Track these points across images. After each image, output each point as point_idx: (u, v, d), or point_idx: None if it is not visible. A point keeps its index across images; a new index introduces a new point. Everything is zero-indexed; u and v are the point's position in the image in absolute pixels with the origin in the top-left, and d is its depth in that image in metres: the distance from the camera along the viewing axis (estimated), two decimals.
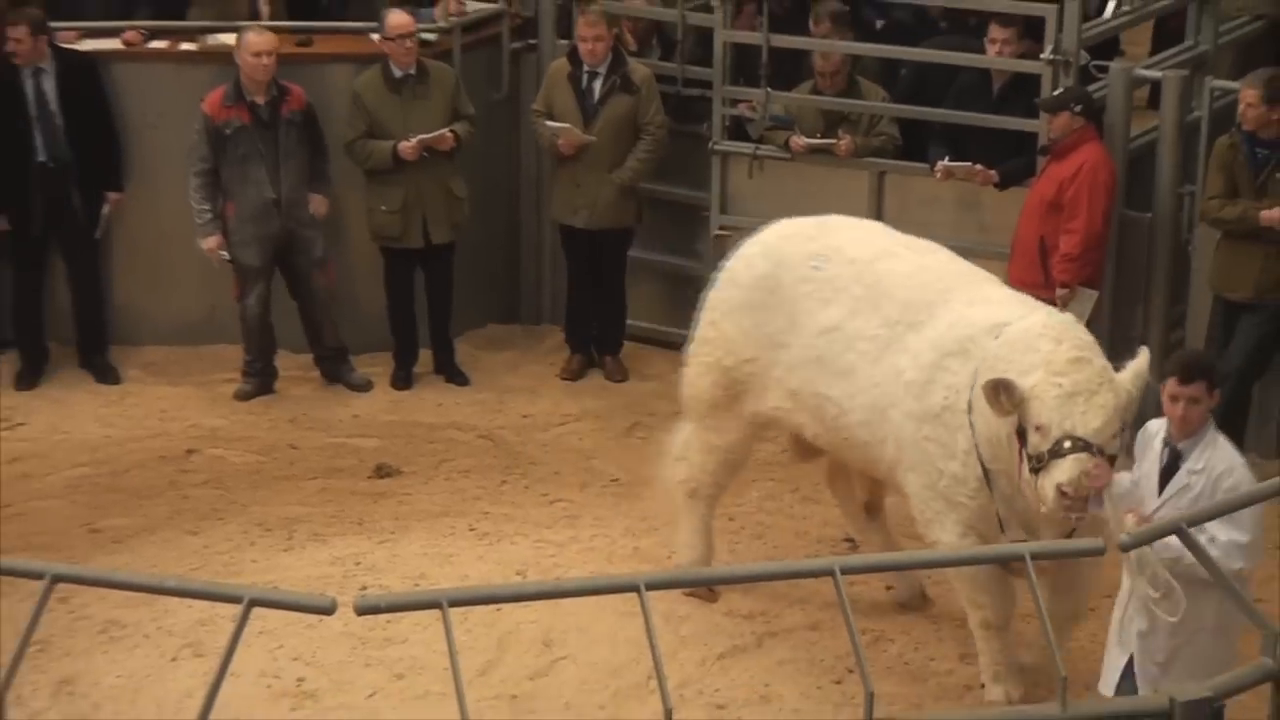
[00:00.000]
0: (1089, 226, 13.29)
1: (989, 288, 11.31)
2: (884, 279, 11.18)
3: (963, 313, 10.91)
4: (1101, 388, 10.26)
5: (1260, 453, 13.52)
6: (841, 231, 11.69)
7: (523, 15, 15.49)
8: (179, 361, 14.87)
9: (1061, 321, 10.72)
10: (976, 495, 10.58)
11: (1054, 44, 13.87)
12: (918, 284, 11.17)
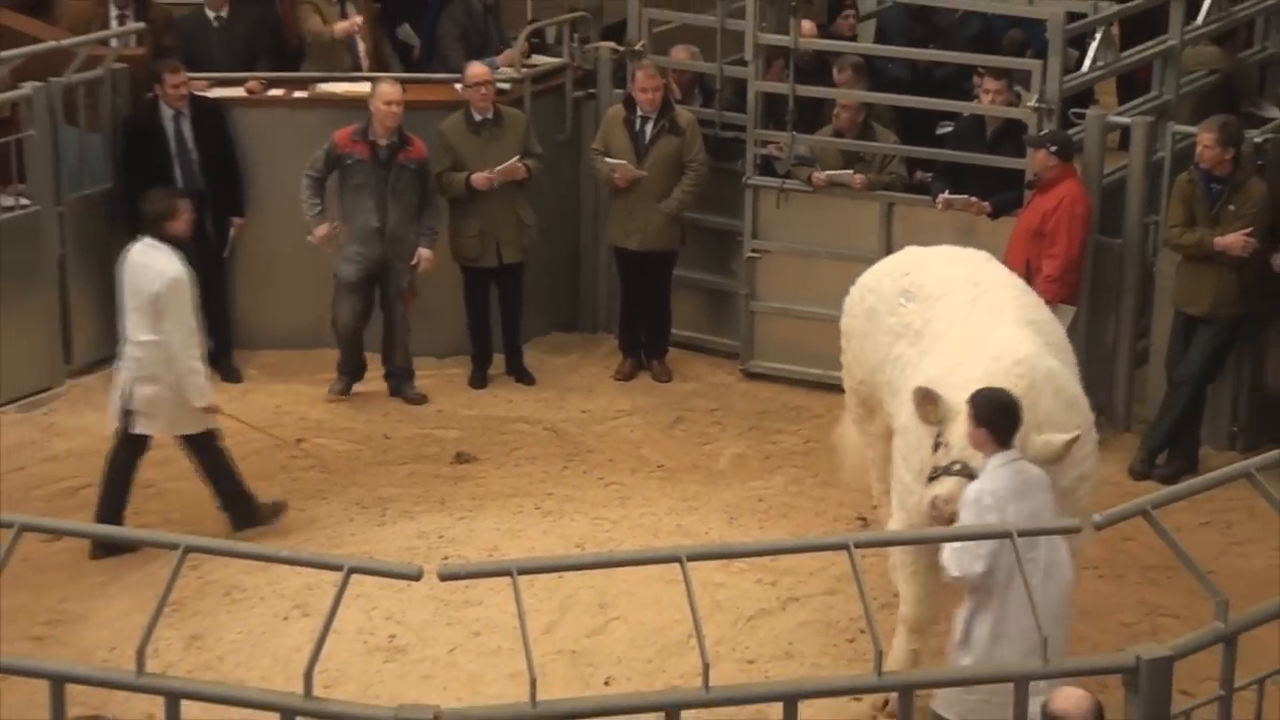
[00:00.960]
0: (1068, 252, 13.28)
1: (993, 328, 10.72)
2: (935, 317, 10.93)
3: (955, 347, 10.66)
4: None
5: (1214, 445, 13.57)
6: (932, 267, 11.38)
7: (584, 68, 15.48)
8: (290, 363, 14.91)
9: (1013, 369, 10.13)
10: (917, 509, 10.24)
11: (1039, 94, 13.88)
12: (947, 320, 10.90)
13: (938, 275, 11.24)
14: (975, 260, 11.53)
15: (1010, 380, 9.87)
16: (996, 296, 10.99)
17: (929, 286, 11.15)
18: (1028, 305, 11.06)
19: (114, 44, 15.07)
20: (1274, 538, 11.08)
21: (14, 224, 14.35)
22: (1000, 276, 11.37)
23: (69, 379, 14.78)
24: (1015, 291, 11.19)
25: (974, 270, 11.33)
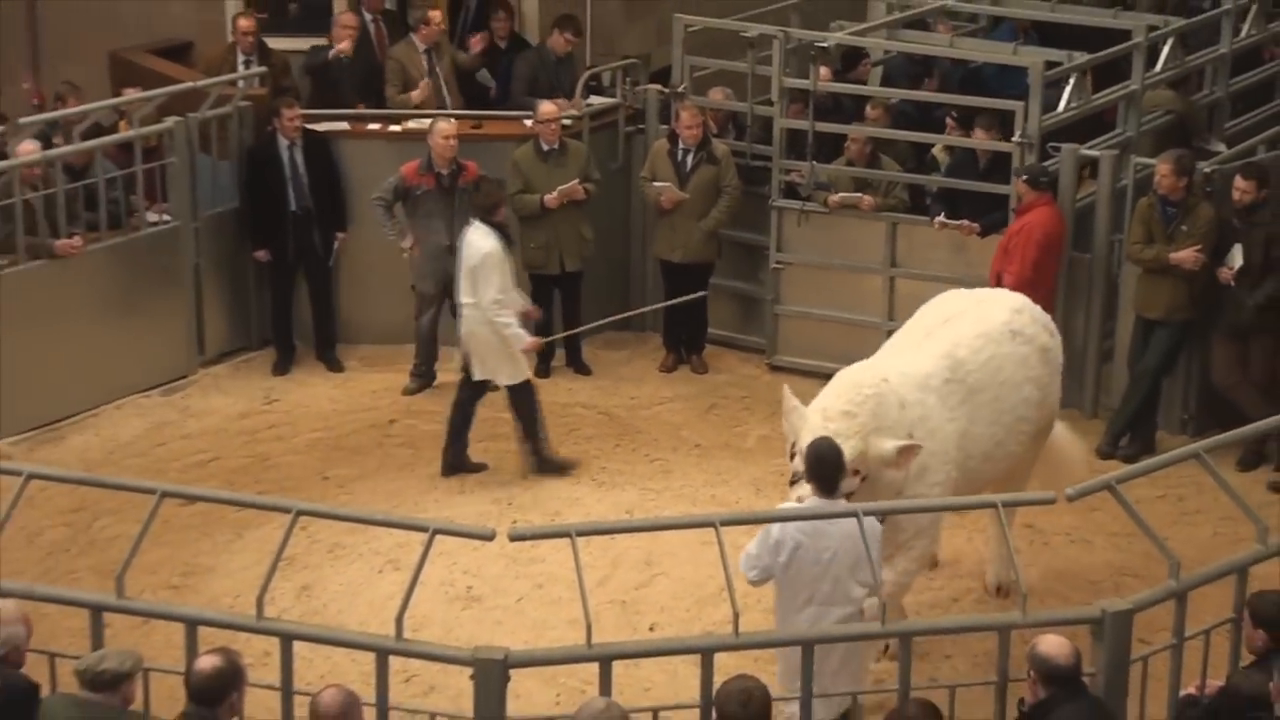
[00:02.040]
0: (1020, 270, 13.21)
1: (904, 356, 10.54)
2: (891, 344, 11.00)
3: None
4: (844, 438, 9.35)
5: (1169, 429, 13.51)
6: (941, 302, 11.13)
7: (634, 107, 15.46)
8: (385, 356, 14.88)
9: (855, 383, 9.84)
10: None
11: (1022, 130, 13.85)
12: (889, 347, 10.96)
13: (932, 309, 11.07)
14: (976, 301, 11.20)
15: (861, 395, 9.67)
16: (946, 331, 10.66)
17: (921, 317, 11.04)
18: (965, 344, 10.53)
19: (240, 85, 15.16)
20: (1220, 509, 11.04)
21: (158, 237, 14.43)
22: (977, 317, 10.81)
23: (201, 368, 14.82)
24: (971, 333, 10.61)
25: (961, 309, 10.97)
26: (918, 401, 10.03)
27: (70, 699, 7.74)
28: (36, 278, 13.64)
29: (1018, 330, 10.78)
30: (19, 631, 7.95)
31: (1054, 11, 16.77)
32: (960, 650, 10.54)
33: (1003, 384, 10.53)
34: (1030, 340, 10.81)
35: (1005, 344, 10.66)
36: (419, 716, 8.77)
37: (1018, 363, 10.67)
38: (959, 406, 10.29)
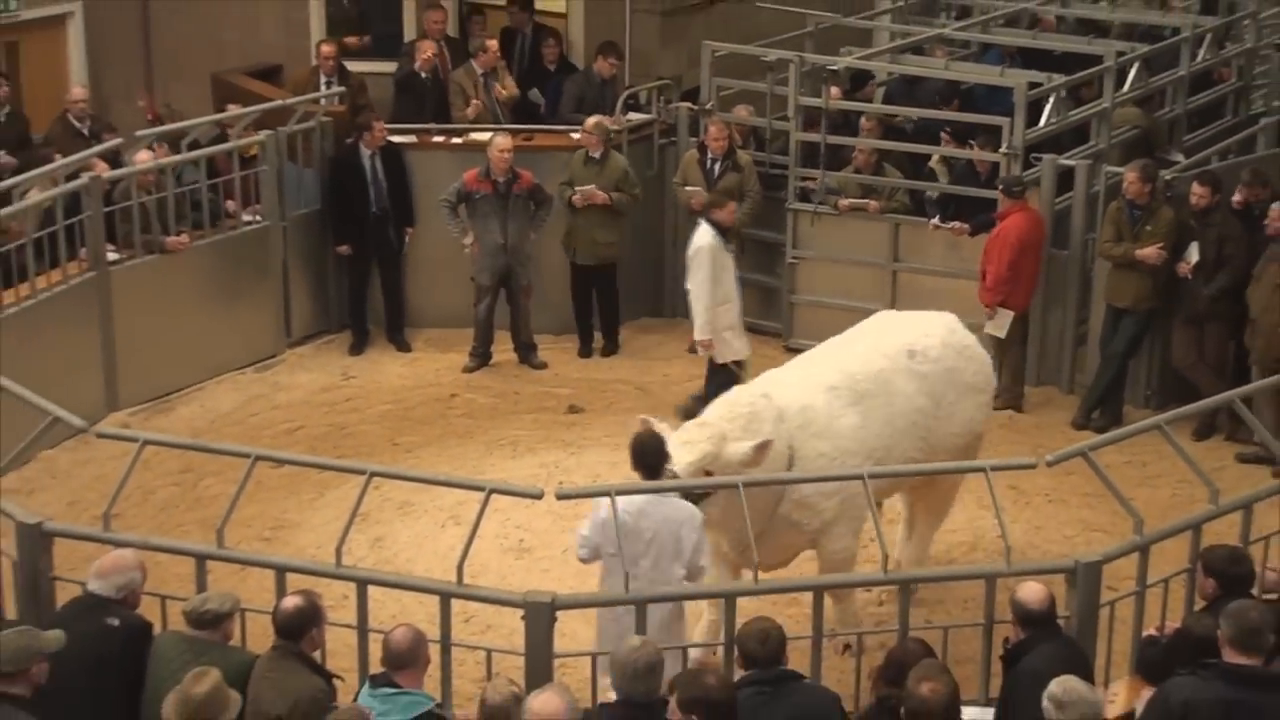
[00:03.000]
0: (996, 270, 13.36)
1: (814, 365, 10.33)
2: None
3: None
4: (692, 445, 9.20)
5: (1134, 404, 13.52)
6: (873, 322, 10.94)
7: (667, 122, 15.45)
8: (447, 338, 14.88)
9: (731, 401, 9.66)
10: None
11: (1008, 143, 13.83)
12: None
13: (861, 326, 10.84)
14: (895, 321, 10.86)
15: (734, 411, 9.50)
16: (852, 347, 10.41)
17: (848, 333, 10.80)
18: (858, 357, 10.22)
19: (322, 103, 15.21)
20: (1178, 474, 11.01)
21: (251, 235, 14.49)
22: (899, 337, 10.42)
23: (288, 349, 14.85)
24: (868, 349, 10.31)
25: (878, 328, 10.67)
26: (803, 408, 9.75)
27: (179, 635, 7.80)
28: (149, 270, 13.69)
29: (919, 351, 10.31)
30: (136, 577, 8.00)
31: (1036, 39, 16.78)
32: (951, 596, 10.53)
33: (892, 394, 10.11)
34: (935, 361, 10.30)
35: (898, 360, 10.24)
36: (477, 652, 8.80)
37: (910, 378, 10.19)
38: (850, 405, 9.95)
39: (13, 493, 9.52)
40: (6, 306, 12.63)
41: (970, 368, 10.52)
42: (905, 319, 10.85)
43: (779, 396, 9.77)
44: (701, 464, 9.13)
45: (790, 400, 9.79)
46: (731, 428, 9.41)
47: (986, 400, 10.68)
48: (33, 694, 7.21)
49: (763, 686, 7.23)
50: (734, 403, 9.68)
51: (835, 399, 9.93)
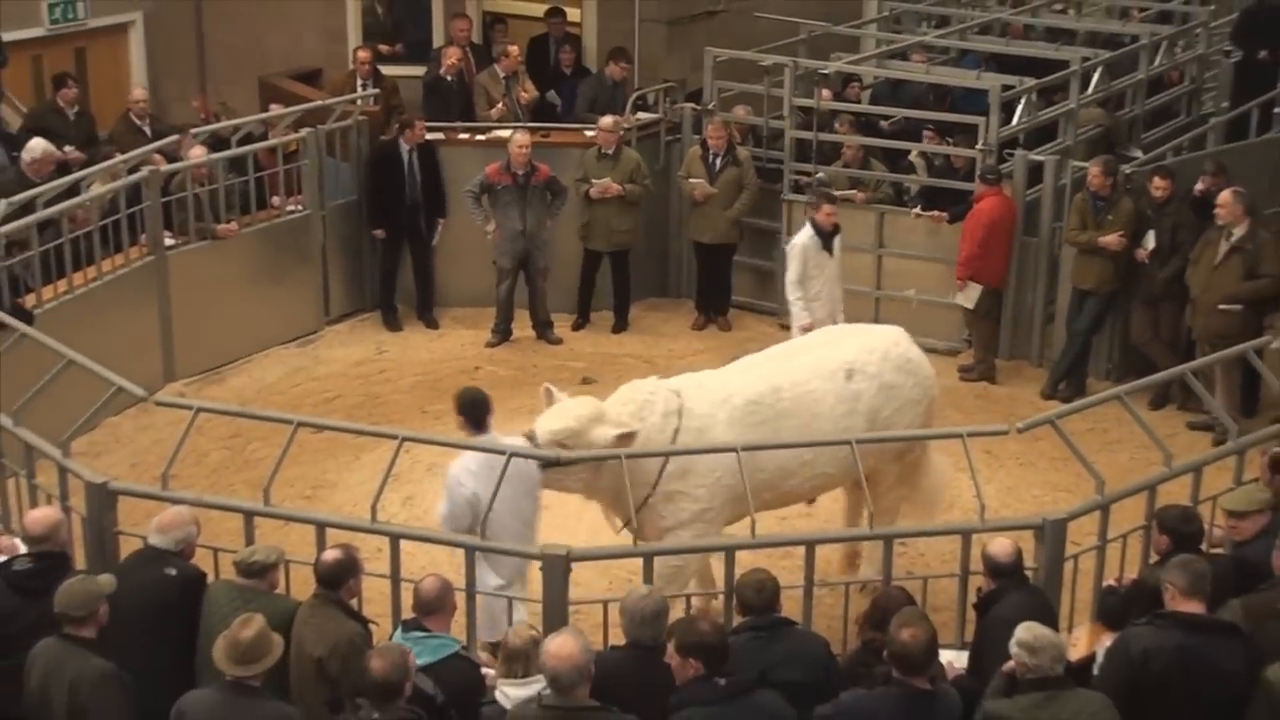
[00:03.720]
0: (968, 248, 13.41)
1: (748, 371, 9.93)
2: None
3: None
4: (560, 417, 8.99)
5: (1096, 376, 13.53)
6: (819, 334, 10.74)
7: (673, 121, 15.40)
8: (472, 316, 14.86)
9: (633, 387, 9.44)
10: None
11: (983, 140, 13.82)
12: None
13: (812, 336, 10.69)
14: (843, 335, 10.45)
15: (627, 396, 9.34)
16: (791, 360, 9.99)
17: (796, 342, 10.69)
18: (792, 374, 9.74)
19: (358, 103, 15.15)
20: (1135, 439, 10.98)
21: (294, 223, 14.47)
22: (841, 354, 9.92)
23: (327, 326, 14.83)
24: (805, 366, 9.83)
25: (825, 341, 10.30)
26: (706, 414, 9.32)
27: (229, 584, 7.81)
28: (202, 255, 13.69)
29: (858, 369, 9.80)
30: (191, 531, 8.03)
31: (1008, 46, 16.73)
32: (930, 550, 10.55)
33: (817, 415, 9.61)
34: (873, 378, 9.79)
35: (834, 380, 9.74)
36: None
37: (844, 398, 9.72)
38: (756, 427, 9.39)
39: (81, 455, 9.54)
40: (75, 288, 12.64)
41: (909, 382, 10.01)
42: (853, 333, 10.45)
43: (690, 396, 9.41)
44: (558, 437, 8.85)
45: (698, 403, 9.40)
46: (619, 412, 9.18)
47: (926, 410, 10.13)
48: (99, 634, 7.25)
49: (759, 631, 7.23)
50: (637, 389, 9.43)
51: (748, 415, 9.45)
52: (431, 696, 6.84)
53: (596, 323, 14.99)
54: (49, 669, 7.18)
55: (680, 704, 6.59)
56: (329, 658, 7.33)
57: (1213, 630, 7.13)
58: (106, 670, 7.10)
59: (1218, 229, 12.41)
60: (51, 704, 7.15)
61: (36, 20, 16.63)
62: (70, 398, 9.44)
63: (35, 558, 7.82)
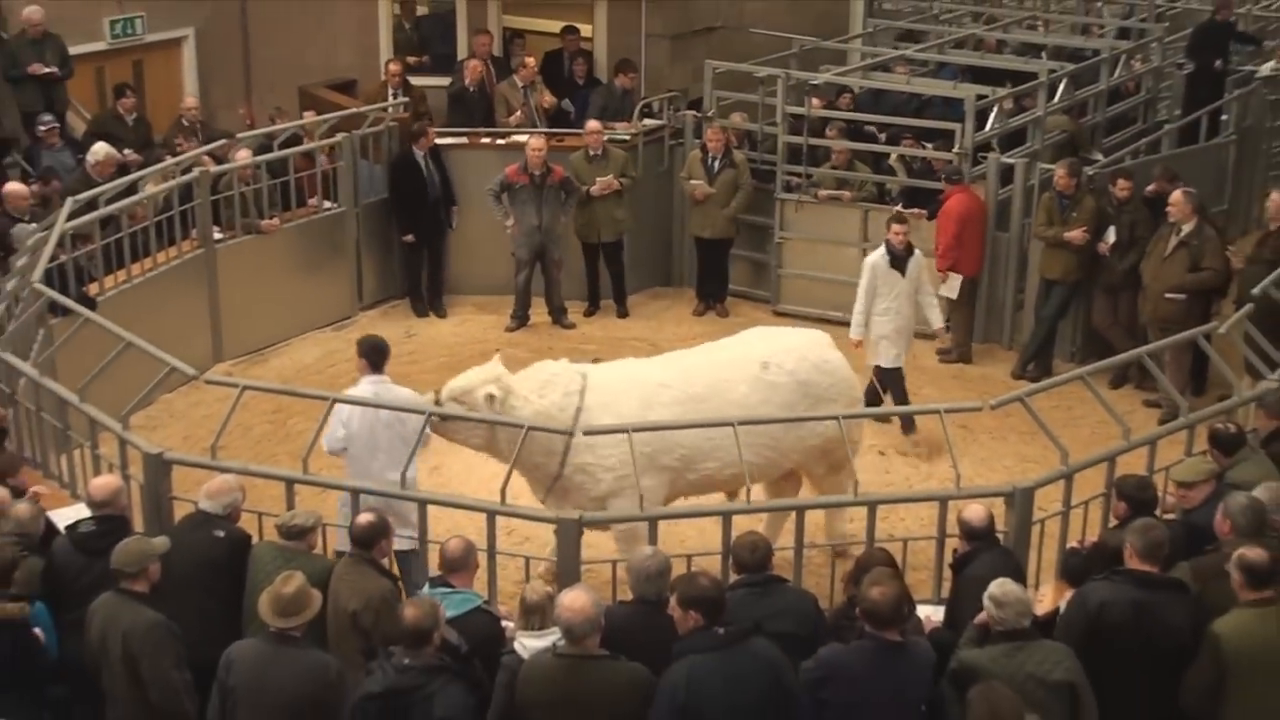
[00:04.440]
0: (944, 241, 13.32)
1: (671, 360, 9.95)
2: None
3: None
4: (465, 377, 9.35)
5: (1062, 359, 13.48)
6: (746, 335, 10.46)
7: (675, 127, 15.34)
8: (491, 304, 14.82)
9: (541, 366, 9.59)
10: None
11: (959, 144, 13.80)
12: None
13: (739, 335, 10.38)
14: (765, 336, 10.25)
15: (533, 371, 9.52)
16: (711, 353, 9.99)
17: (727, 339, 10.40)
18: (706, 363, 9.75)
19: (389, 111, 15.13)
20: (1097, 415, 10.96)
21: (330, 219, 14.46)
22: (760, 349, 9.85)
23: (360, 311, 14.82)
24: (721, 356, 9.83)
25: (749, 339, 10.13)
26: (616, 392, 9.36)
27: (272, 545, 7.83)
28: (247, 247, 13.69)
29: (775, 365, 9.71)
30: (238, 497, 8.05)
31: (982, 59, 16.70)
32: (910, 515, 10.53)
33: (729, 402, 9.45)
34: (789, 373, 9.69)
35: (747, 369, 9.66)
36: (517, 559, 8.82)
37: (757, 387, 9.62)
38: (668, 407, 9.37)
39: (139, 428, 9.56)
40: (133, 277, 12.67)
41: (826, 382, 9.84)
42: (777, 334, 10.28)
43: (596, 377, 9.44)
44: (454, 394, 9.19)
45: (608, 382, 9.41)
46: (522, 385, 9.30)
47: (843, 410, 9.65)
48: (150, 590, 7.28)
49: (753, 587, 7.23)
50: (543, 369, 9.53)
51: (658, 395, 9.44)
52: (457, 646, 6.84)
53: (606, 309, 14.96)
54: (106, 620, 7.22)
55: (683, 651, 6.59)
56: (363, 611, 7.35)
57: (1163, 587, 7.16)
58: (156, 621, 7.15)
59: (1169, 225, 12.42)
60: (108, 652, 7.21)
61: (99, 35, 16.64)
62: (129, 377, 9.47)
63: (98, 520, 7.86)
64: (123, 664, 7.14)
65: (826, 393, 9.83)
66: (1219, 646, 6.94)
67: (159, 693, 7.11)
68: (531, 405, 9.24)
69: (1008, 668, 6.65)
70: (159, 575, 7.33)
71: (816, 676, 6.64)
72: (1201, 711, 7.01)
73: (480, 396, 9.16)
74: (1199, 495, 8.11)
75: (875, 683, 6.60)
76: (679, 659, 6.58)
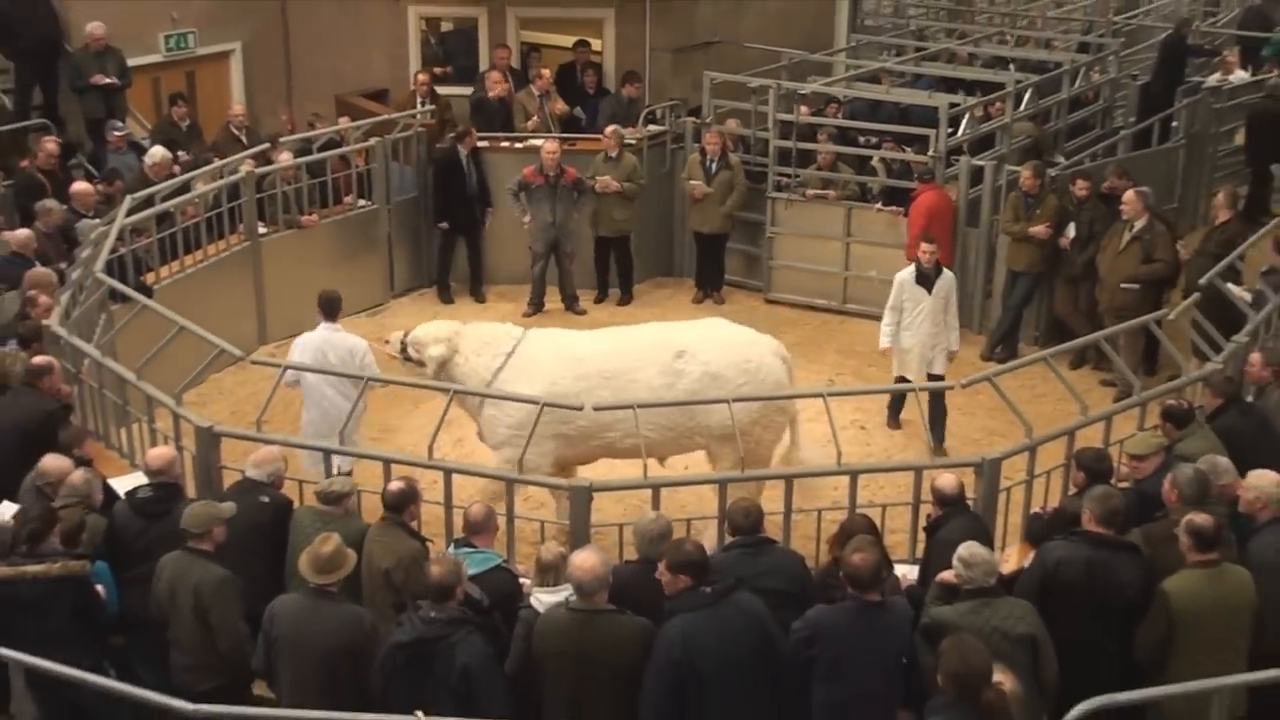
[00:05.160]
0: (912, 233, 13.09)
1: (601, 336, 10.07)
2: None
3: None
4: (424, 328, 9.89)
5: (1026, 342, 13.43)
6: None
7: (676, 132, 15.32)
8: (512, 292, 14.77)
9: (480, 324, 9.98)
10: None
11: (932, 148, 13.76)
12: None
13: (685, 323, 10.44)
14: (695, 329, 10.09)
15: (498, 330, 9.88)
16: (634, 335, 10.00)
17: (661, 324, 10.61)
18: (624, 345, 9.73)
19: (418, 117, 15.10)
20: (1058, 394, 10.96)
21: (364, 215, 14.43)
22: (677, 335, 9.85)
23: (392, 299, 14.79)
24: (638, 340, 9.79)
25: (679, 329, 10.10)
26: (538, 360, 9.57)
27: (311, 509, 7.87)
28: (289, 241, 13.68)
29: (690, 355, 9.61)
30: (280, 466, 8.07)
31: (955, 71, 16.65)
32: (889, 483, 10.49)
33: (634, 381, 9.46)
34: (702, 365, 9.57)
35: (662, 355, 9.61)
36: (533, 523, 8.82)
37: (664, 372, 9.55)
38: (580, 379, 9.44)
39: (191, 404, 9.56)
40: (186, 268, 12.66)
41: (739, 380, 9.58)
42: (713, 327, 10.07)
43: (531, 344, 9.67)
44: (414, 340, 9.85)
45: (537, 350, 9.62)
46: (467, 339, 9.73)
47: (756, 406, 9.54)
48: (215, 549, 7.32)
49: (746, 548, 7.24)
50: (494, 327, 9.95)
51: (572, 367, 9.52)
52: (479, 600, 6.86)
53: (613, 297, 14.92)
54: (175, 576, 7.26)
55: (675, 610, 6.59)
56: (394, 569, 7.36)
57: (1115, 548, 7.18)
58: (224, 576, 7.22)
59: (1123, 221, 12.40)
60: (178, 604, 7.25)
61: (155, 49, 16.63)
62: (182, 358, 9.48)
63: (154, 487, 7.88)
64: (193, 615, 7.19)
65: (738, 390, 9.49)
66: (1168, 603, 6.95)
67: (226, 640, 7.17)
68: (469, 363, 9.67)
69: (975, 622, 6.66)
70: (223, 537, 7.36)
71: (805, 635, 6.66)
72: (1153, 663, 7.02)
73: (433, 354, 9.69)
74: (1149, 466, 8.12)
75: (859, 640, 6.63)
76: (671, 618, 6.58)
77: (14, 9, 14.82)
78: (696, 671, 6.45)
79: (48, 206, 11.80)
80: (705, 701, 6.46)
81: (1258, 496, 7.45)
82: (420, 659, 6.55)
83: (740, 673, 6.51)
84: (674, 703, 6.46)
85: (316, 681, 6.82)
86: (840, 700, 6.61)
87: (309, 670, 6.85)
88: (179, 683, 7.18)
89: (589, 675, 6.58)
